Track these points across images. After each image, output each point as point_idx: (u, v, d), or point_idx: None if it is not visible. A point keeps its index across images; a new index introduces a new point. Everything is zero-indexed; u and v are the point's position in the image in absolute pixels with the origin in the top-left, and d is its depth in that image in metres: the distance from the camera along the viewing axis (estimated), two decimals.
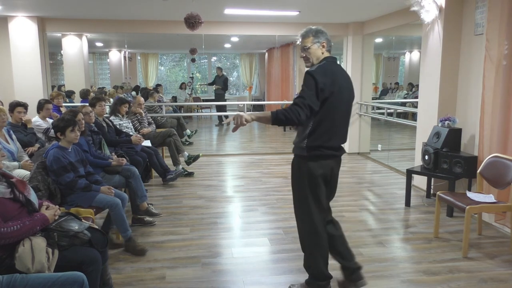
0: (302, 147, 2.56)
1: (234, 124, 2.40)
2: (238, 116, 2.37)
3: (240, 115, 2.37)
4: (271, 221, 4.23)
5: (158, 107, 7.97)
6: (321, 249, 2.69)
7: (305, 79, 2.46)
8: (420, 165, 4.77)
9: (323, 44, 2.60)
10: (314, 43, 2.58)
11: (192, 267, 3.24)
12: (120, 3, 5.71)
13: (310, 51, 2.59)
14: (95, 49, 11.53)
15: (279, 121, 2.38)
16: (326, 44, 2.60)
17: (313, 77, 2.42)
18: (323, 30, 2.62)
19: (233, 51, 13.89)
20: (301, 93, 2.44)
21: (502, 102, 3.91)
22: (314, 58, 2.60)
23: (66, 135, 3.27)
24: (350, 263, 2.78)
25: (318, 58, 2.60)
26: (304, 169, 2.58)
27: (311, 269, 2.74)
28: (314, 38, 2.58)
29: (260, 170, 6.49)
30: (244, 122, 2.37)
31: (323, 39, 2.59)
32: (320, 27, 2.63)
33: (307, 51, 2.59)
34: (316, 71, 2.46)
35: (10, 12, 6.30)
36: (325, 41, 2.60)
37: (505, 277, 3.09)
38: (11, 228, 2.14)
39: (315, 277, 2.73)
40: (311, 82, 2.42)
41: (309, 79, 2.44)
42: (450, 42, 4.73)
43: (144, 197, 4.17)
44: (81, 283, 2.10)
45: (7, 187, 2.25)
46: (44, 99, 5.34)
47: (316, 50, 2.59)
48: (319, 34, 2.59)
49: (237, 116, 2.37)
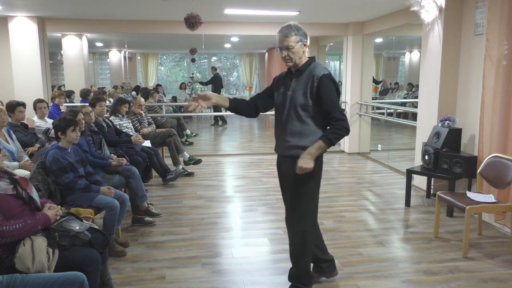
0: None
1: (299, 172, 2.43)
2: (304, 168, 2.39)
3: (306, 166, 2.38)
4: (271, 221, 4.23)
5: (158, 107, 7.97)
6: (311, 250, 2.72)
7: (328, 85, 2.45)
8: (420, 165, 4.77)
9: (305, 42, 2.51)
10: (297, 42, 2.47)
11: (192, 267, 3.24)
12: (120, 3, 5.71)
13: (294, 50, 2.47)
14: (95, 49, 11.55)
15: (334, 141, 2.43)
16: (307, 43, 2.53)
17: (334, 83, 2.49)
18: (302, 27, 2.52)
19: (233, 51, 13.90)
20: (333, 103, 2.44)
21: (502, 102, 3.91)
22: (297, 58, 2.51)
23: (67, 134, 3.27)
24: (328, 256, 2.93)
25: (300, 57, 2.52)
26: (317, 170, 2.56)
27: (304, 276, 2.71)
28: (296, 36, 2.46)
29: (260, 170, 6.49)
30: (311, 167, 2.40)
31: (305, 38, 2.50)
32: (298, 23, 2.51)
33: (290, 50, 2.47)
34: (330, 74, 2.50)
35: (10, 12, 6.30)
36: (306, 40, 2.51)
37: (505, 277, 3.08)
38: (13, 227, 2.14)
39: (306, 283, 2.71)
40: (334, 87, 2.48)
41: (331, 85, 2.47)
42: (450, 42, 4.73)
43: (144, 197, 4.18)
44: (81, 283, 2.10)
45: (10, 184, 2.25)
46: (38, 99, 5.32)
47: (299, 50, 2.49)
48: (300, 31, 2.48)
49: (303, 168, 2.39)
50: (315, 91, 2.47)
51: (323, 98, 2.45)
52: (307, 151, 2.42)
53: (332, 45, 9.87)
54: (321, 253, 2.91)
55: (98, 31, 7.81)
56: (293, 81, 2.58)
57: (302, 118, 2.51)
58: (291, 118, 2.54)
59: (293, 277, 2.75)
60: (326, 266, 2.94)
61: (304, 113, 2.50)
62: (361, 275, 3.08)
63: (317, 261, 2.93)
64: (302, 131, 2.53)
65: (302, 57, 2.53)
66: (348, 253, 3.45)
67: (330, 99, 2.44)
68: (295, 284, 2.74)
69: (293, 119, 2.54)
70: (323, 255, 2.92)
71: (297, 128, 2.53)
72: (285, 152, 2.62)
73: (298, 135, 2.54)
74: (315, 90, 2.47)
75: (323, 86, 2.45)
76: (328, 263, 2.95)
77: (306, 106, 2.49)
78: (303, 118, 2.51)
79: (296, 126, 2.53)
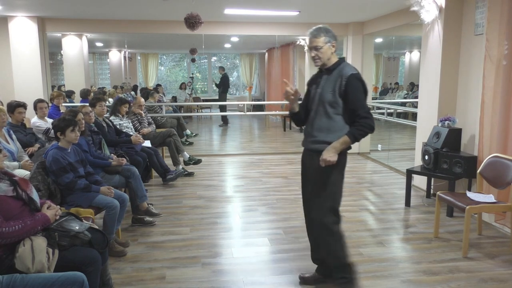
0: None
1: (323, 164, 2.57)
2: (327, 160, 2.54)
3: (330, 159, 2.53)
4: (271, 221, 4.23)
5: (158, 107, 7.97)
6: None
7: (355, 84, 2.55)
8: (420, 165, 4.77)
9: (333, 44, 2.64)
10: (325, 43, 2.61)
11: (192, 267, 3.24)
12: (120, 3, 5.71)
13: (322, 50, 2.61)
14: (95, 49, 11.53)
15: (359, 137, 2.56)
16: (335, 44, 2.65)
17: (361, 82, 2.58)
18: (331, 29, 2.66)
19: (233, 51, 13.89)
20: (358, 101, 2.55)
21: (502, 102, 3.91)
22: (325, 58, 2.63)
23: (66, 135, 3.27)
24: None
25: (329, 58, 2.64)
26: (339, 166, 2.66)
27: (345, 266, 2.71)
28: (325, 37, 2.60)
29: (260, 170, 6.49)
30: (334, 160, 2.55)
31: (333, 40, 2.63)
32: (328, 26, 2.66)
33: (319, 50, 2.61)
34: (359, 73, 2.59)
35: (10, 12, 6.30)
36: (335, 41, 2.64)
37: (505, 277, 3.09)
38: (13, 228, 2.14)
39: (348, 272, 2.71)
40: (362, 87, 2.57)
41: (358, 84, 2.56)
42: (450, 42, 4.73)
43: (144, 197, 4.18)
44: (81, 283, 2.10)
45: (10, 185, 2.25)
46: (38, 99, 5.31)
47: (327, 50, 2.62)
48: (329, 33, 2.62)
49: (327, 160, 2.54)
50: (343, 90, 2.56)
51: (350, 97, 2.55)
52: (332, 145, 2.56)
53: None
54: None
55: (98, 31, 7.80)
56: (323, 79, 2.69)
57: (330, 114, 2.61)
58: (320, 114, 2.66)
59: (334, 271, 2.75)
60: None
61: (332, 110, 2.60)
62: (361, 275, 3.07)
63: (320, 263, 2.94)
64: (329, 127, 2.62)
65: (331, 57, 2.65)
66: None
67: (356, 98, 2.55)
68: (340, 276, 2.71)
69: (321, 115, 2.65)
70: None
71: (324, 124, 2.63)
72: (311, 146, 2.72)
73: (325, 130, 2.63)
74: (343, 89, 2.56)
75: (350, 85, 2.55)
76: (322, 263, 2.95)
77: (334, 104, 2.59)
78: (331, 115, 2.61)
79: (324, 122, 2.64)
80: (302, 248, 3.55)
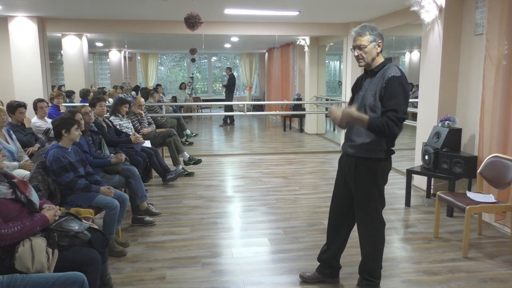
0: (379, 149, 2.53)
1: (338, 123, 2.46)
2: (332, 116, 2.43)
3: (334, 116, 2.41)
4: (271, 221, 4.23)
5: (158, 107, 7.97)
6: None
7: (393, 87, 2.37)
8: (420, 165, 4.77)
9: (379, 43, 2.48)
10: (370, 41, 2.45)
11: (192, 267, 3.24)
12: (120, 3, 5.71)
13: (366, 50, 2.46)
14: (95, 49, 11.53)
15: (373, 128, 2.37)
16: (382, 43, 2.49)
17: (403, 86, 2.39)
18: (377, 28, 2.50)
19: (233, 51, 13.90)
20: (393, 104, 2.35)
21: (502, 102, 3.91)
22: (370, 58, 2.48)
23: (71, 132, 3.29)
24: (338, 264, 2.95)
25: (373, 58, 2.49)
26: (381, 170, 2.58)
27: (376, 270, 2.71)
28: (370, 36, 2.45)
29: (260, 170, 6.49)
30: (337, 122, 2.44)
31: (379, 39, 2.47)
32: (374, 25, 2.50)
33: (363, 50, 2.46)
34: (403, 77, 2.40)
35: (10, 12, 6.30)
36: (381, 40, 2.48)
37: (505, 277, 3.09)
38: (12, 230, 2.14)
39: (377, 277, 2.72)
40: (401, 91, 2.38)
41: (398, 88, 2.37)
42: (450, 42, 4.73)
43: (144, 197, 4.18)
44: (81, 283, 2.10)
45: (9, 188, 2.26)
46: (38, 98, 5.30)
47: (372, 50, 2.47)
48: (375, 32, 2.46)
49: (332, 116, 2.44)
50: (383, 93, 2.42)
51: (385, 98, 2.40)
52: (350, 110, 2.39)
53: (332, 45, 9.86)
54: (334, 259, 2.92)
55: (98, 31, 7.80)
56: (366, 81, 2.56)
57: None
58: None
59: (364, 271, 2.74)
60: (330, 272, 2.95)
61: (372, 114, 2.44)
62: None
63: (325, 264, 2.94)
64: (368, 132, 2.47)
65: (376, 58, 2.50)
66: (348, 253, 3.43)
67: (391, 100, 2.37)
68: (366, 277, 2.71)
69: None
70: (334, 261, 2.92)
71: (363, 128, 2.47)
72: (349, 151, 2.62)
73: (364, 136, 2.52)
74: (383, 92, 2.41)
75: (388, 87, 2.39)
76: (333, 269, 2.95)
77: (374, 108, 2.45)
78: None
79: None
80: (302, 248, 3.55)
